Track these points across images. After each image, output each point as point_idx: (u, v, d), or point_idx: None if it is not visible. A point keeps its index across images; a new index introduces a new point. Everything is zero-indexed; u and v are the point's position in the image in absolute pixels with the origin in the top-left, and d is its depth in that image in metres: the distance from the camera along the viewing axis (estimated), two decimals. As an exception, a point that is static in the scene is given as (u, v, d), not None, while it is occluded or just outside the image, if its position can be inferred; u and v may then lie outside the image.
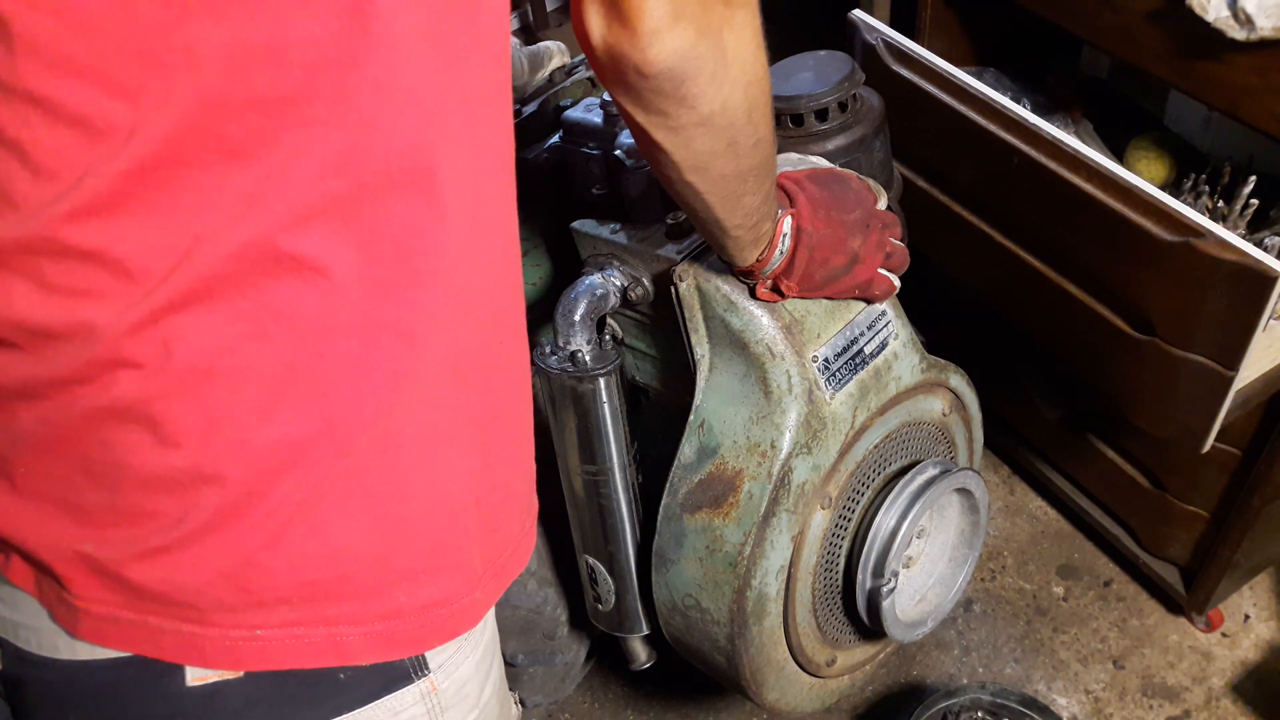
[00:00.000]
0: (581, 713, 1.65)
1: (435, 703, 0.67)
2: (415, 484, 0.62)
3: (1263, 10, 1.02)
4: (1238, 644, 1.61)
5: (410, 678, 0.65)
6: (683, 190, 0.76)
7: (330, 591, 0.60)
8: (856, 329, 1.01)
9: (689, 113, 0.66)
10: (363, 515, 0.60)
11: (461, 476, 0.65)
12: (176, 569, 0.57)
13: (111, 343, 0.52)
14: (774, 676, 1.06)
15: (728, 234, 0.82)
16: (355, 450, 0.58)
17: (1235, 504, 1.39)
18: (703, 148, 0.70)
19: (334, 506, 0.59)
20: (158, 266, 0.51)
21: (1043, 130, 1.18)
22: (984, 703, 1.39)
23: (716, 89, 0.65)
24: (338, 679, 0.62)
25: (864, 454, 1.04)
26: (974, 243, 1.36)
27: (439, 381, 0.61)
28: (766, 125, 0.73)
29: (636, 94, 0.65)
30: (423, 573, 0.63)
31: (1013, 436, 1.78)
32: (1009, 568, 1.76)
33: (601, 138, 1.11)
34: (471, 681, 0.71)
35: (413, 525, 0.62)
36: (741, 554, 0.97)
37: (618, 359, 1.02)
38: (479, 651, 0.72)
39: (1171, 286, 1.10)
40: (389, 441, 0.59)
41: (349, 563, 0.60)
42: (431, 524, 0.63)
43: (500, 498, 0.70)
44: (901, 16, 1.64)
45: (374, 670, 0.63)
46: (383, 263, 0.55)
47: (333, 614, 0.60)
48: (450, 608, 0.65)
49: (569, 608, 1.34)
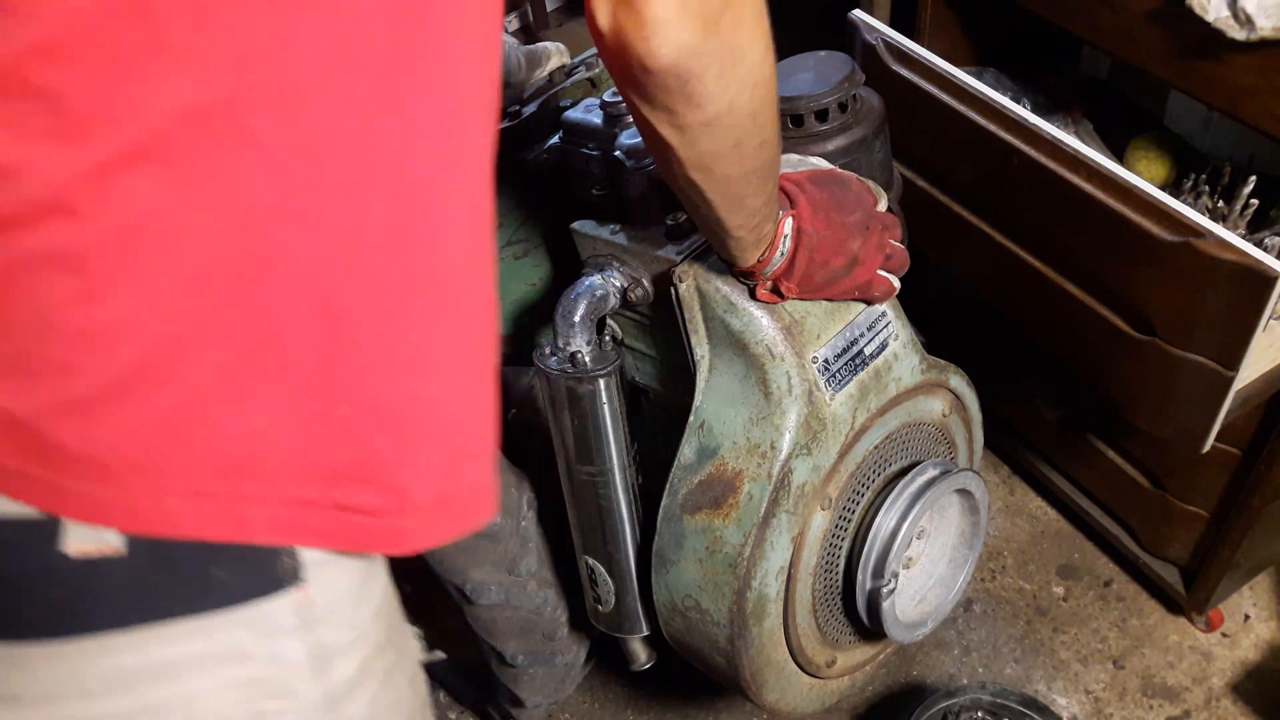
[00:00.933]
0: (581, 713, 1.65)
1: (307, 614, 0.65)
2: (353, 388, 0.61)
3: (1263, 10, 1.01)
4: (1238, 644, 1.61)
5: (284, 584, 0.63)
6: (686, 188, 0.76)
7: (242, 468, 0.59)
8: (856, 330, 1.01)
9: (695, 111, 0.66)
10: (290, 404, 0.59)
11: (408, 393, 0.64)
12: (91, 426, 0.57)
13: (55, 187, 0.52)
14: (774, 677, 1.06)
15: (730, 234, 0.83)
16: (289, 339, 0.58)
17: (1235, 504, 1.39)
18: (708, 148, 0.70)
19: (260, 388, 0.58)
20: (112, 116, 0.51)
21: (1043, 130, 1.17)
22: (984, 703, 1.39)
23: (723, 89, 0.65)
24: (212, 576, 0.61)
25: (864, 455, 1.04)
26: (974, 243, 1.36)
27: (390, 286, 0.60)
28: (772, 127, 0.73)
29: (642, 89, 0.65)
30: (343, 476, 0.62)
31: (1013, 436, 1.78)
32: (1009, 568, 1.76)
33: (601, 138, 1.11)
34: (348, 600, 0.68)
35: (342, 428, 0.61)
36: (741, 555, 0.97)
37: (617, 360, 1.02)
38: (361, 570, 0.70)
39: (1171, 286, 1.10)
40: (329, 338, 0.59)
41: (266, 446, 0.59)
42: (364, 432, 0.62)
43: (449, 433, 0.68)
44: (901, 16, 1.64)
45: (251, 571, 0.62)
46: (336, 153, 0.56)
47: (241, 490, 0.60)
48: (365, 517, 0.64)
49: (569, 608, 1.34)
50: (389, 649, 0.74)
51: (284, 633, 0.64)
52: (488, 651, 1.33)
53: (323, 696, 0.68)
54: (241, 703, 0.64)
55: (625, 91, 0.68)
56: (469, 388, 0.70)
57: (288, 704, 0.66)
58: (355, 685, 0.70)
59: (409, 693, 0.78)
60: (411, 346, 0.63)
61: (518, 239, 1.22)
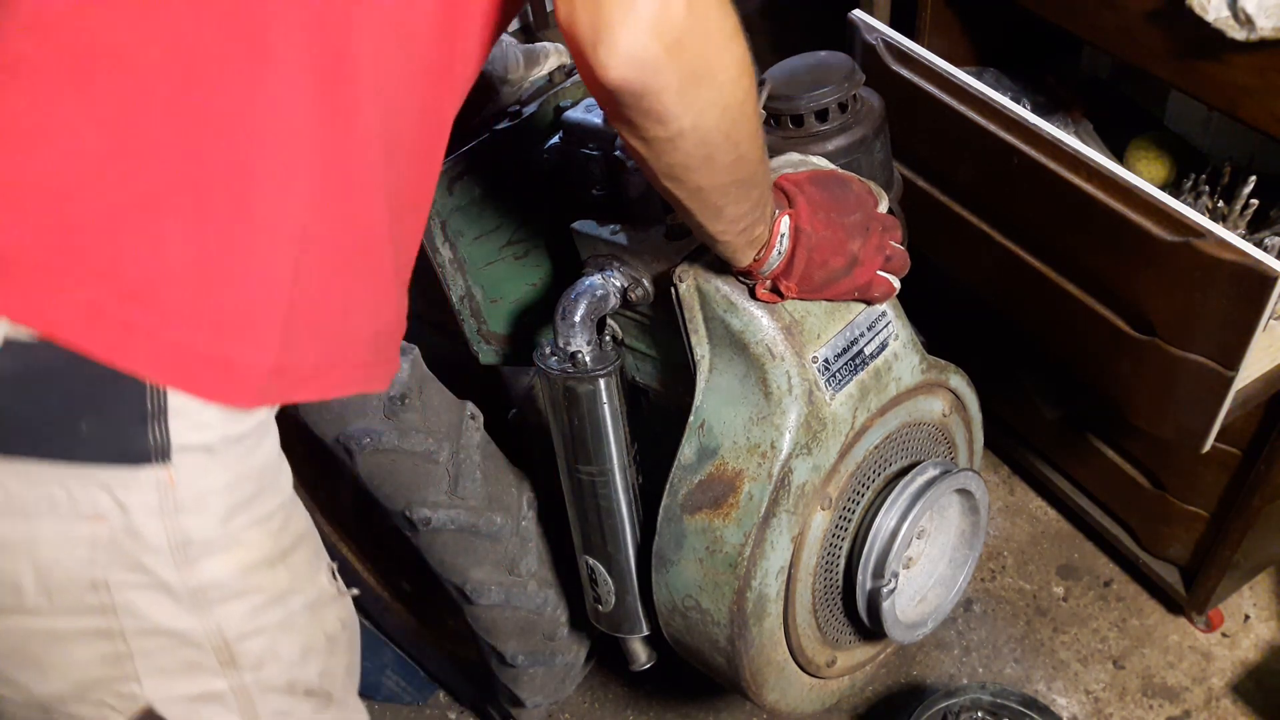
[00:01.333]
0: (582, 713, 1.65)
1: (170, 498, 0.66)
2: (246, 231, 0.65)
3: (1263, 10, 1.01)
4: (1238, 644, 1.61)
5: (150, 459, 0.65)
6: (662, 194, 0.77)
7: (141, 297, 0.63)
8: (856, 330, 1.01)
9: (656, 127, 0.66)
10: (196, 248, 0.63)
11: (289, 259, 0.67)
12: (7, 221, 0.61)
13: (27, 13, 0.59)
14: (774, 677, 1.06)
15: (714, 239, 0.83)
16: (206, 185, 0.63)
17: (1235, 504, 1.39)
18: (675, 161, 0.71)
19: (173, 226, 0.63)
20: None
21: (1043, 130, 1.17)
22: (984, 703, 1.39)
23: (685, 107, 0.65)
24: (80, 429, 0.63)
25: (864, 455, 1.04)
26: (974, 243, 1.36)
27: (298, 133, 0.65)
28: (750, 144, 0.73)
29: (602, 101, 0.66)
30: (226, 324, 0.65)
31: (1013, 436, 1.78)
32: (1009, 568, 1.76)
33: (601, 138, 1.11)
34: (218, 500, 0.69)
35: (229, 269, 0.65)
36: (741, 555, 0.97)
37: (618, 360, 1.02)
38: (238, 473, 0.70)
39: (1171, 286, 1.10)
40: (236, 169, 0.64)
41: (167, 282, 0.63)
42: (248, 278, 0.65)
43: (330, 304, 0.71)
44: (901, 16, 1.64)
45: (119, 434, 0.64)
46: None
47: (135, 319, 0.62)
48: (228, 368, 0.66)
49: (569, 608, 1.34)
50: (282, 570, 0.74)
51: (144, 509, 0.65)
52: (488, 651, 1.33)
53: (186, 591, 0.68)
54: (87, 563, 0.65)
55: (598, 103, 0.68)
56: (363, 271, 0.73)
57: (138, 579, 0.67)
58: (232, 594, 0.71)
59: (307, 622, 0.77)
60: (313, 202, 0.67)
61: (518, 239, 1.22)
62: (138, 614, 0.67)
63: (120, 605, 0.67)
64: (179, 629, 0.69)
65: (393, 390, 1.12)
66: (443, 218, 1.15)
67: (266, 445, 0.73)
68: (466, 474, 1.17)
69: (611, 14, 0.59)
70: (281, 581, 0.75)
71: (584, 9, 0.59)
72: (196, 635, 0.70)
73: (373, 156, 0.71)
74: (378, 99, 0.69)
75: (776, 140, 1.10)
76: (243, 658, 0.72)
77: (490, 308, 1.24)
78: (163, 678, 0.70)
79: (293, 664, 0.76)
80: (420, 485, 1.15)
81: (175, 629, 0.69)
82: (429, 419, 1.15)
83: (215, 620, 0.70)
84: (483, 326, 1.24)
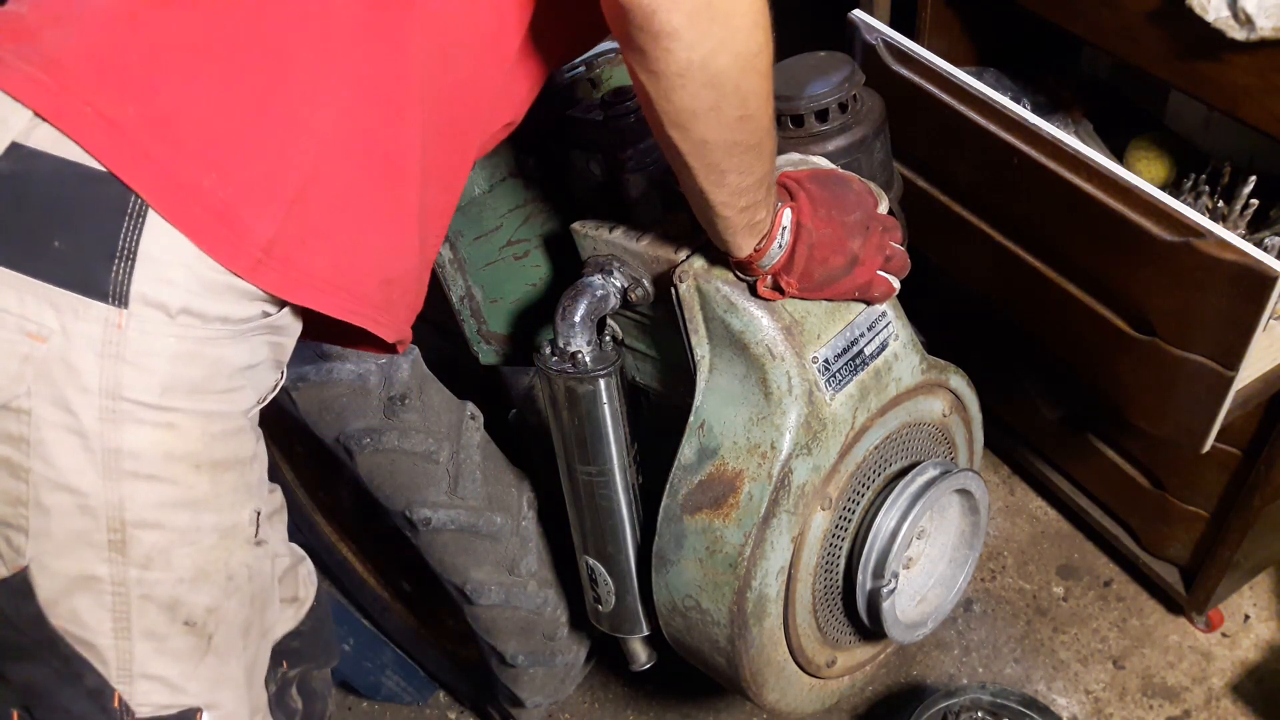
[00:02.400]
0: (582, 713, 1.65)
1: (114, 341, 0.66)
2: (275, 102, 0.67)
3: (1263, 10, 1.01)
4: (1238, 644, 1.61)
5: (106, 297, 0.65)
6: (666, 148, 0.77)
7: (159, 117, 0.65)
8: (857, 330, 1.01)
9: (665, 55, 0.67)
10: (227, 85, 0.67)
11: (310, 147, 0.68)
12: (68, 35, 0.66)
13: None
14: (774, 677, 1.06)
15: (715, 211, 0.83)
16: (252, 23, 0.67)
17: (1235, 504, 1.39)
18: (683, 104, 0.71)
19: (211, 58, 0.67)
20: None
21: (1043, 130, 1.17)
22: (984, 703, 1.39)
23: (695, 34, 0.66)
24: (51, 245, 0.64)
25: (864, 455, 1.04)
26: (974, 243, 1.36)
27: (344, 34, 0.68)
28: (758, 104, 0.74)
29: (614, 19, 0.67)
30: (236, 176, 0.66)
31: (1013, 436, 1.78)
32: (1009, 568, 1.76)
33: (601, 139, 1.11)
34: (164, 364, 0.68)
35: (251, 129, 0.67)
36: (742, 555, 0.97)
37: (618, 360, 1.02)
38: (191, 351, 0.69)
39: (1171, 286, 1.10)
40: (280, 44, 0.67)
41: (189, 107, 0.66)
42: (266, 144, 0.67)
43: (345, 218, 0.72)
44: (901, 16, 1.64)
45: (85, 262, 0.64)
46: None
47: (145, 139, 0.65)
48: (225, 217, 0.66)
49: (569, 609, 1.34)
50: (205, 478, 0.72)
51: (85, 342, 0.65)
52: (488, 651, 1.33)
53: (102, 448, 0.67)
54: (15, 379, 0.65)
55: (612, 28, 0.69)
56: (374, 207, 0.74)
57: (59, 418, 0.66)
58: (145, 473, 0.69)
59: (212, 545, 0.75)
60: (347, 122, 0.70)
61: (518, 239, 1.22)
62: (49, 459, 0.66)
63: (34, 442, 0.65)
64: (82, 488, 0.67)
65: (393, 390, 1.12)
66: (443, 218, 1.15)
67: (236, 349, 0.71)
68: (466, 474, 1.17)
69: None
70: (200, 488, 0.72)
71: None
72: (96, 501, 0.67)
73: (413, 94, 0.72)
74: (428, 40, 0.72)
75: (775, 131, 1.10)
76: (134, 546, 0.69)
77: (490, 308, 1.24)
78: (48, 542, 0.68)
79: (181, 580, 0.73)
80: (420, 485, 1.15)
81: (78, 487, 0.67)
82: (429, 419, 1.15)
83: (120, 493, 0.68)
84: (483, 326, 1.24)
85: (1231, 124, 1.17)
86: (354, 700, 1.70)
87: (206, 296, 0.67)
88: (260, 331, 0.73)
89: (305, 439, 1.12)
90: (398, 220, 0.76)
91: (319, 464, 1.54)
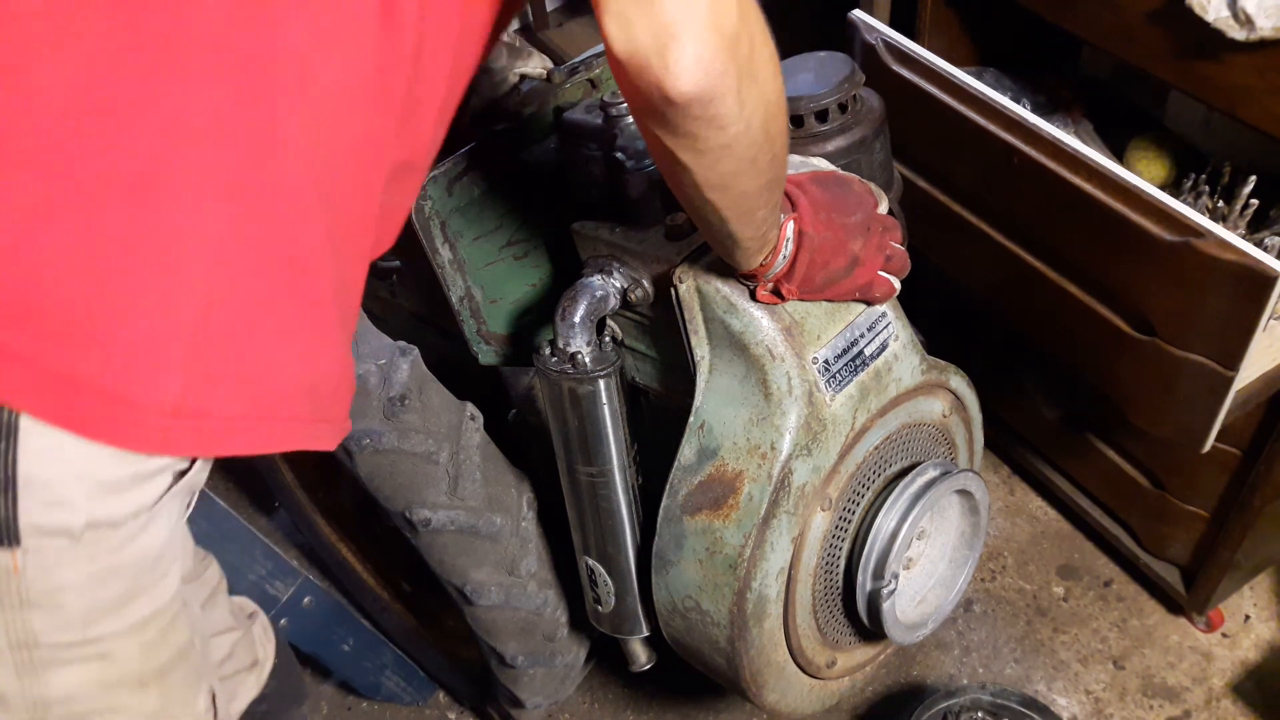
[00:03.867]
0: (581, 713, 1.65)
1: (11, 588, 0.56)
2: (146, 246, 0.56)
3: (1263, 10, 1.01)
4: (1238, 644, 1.61)
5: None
6: (701, 207, 0.74)
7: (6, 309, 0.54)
8: (857, 330, 1.01)
9: (717, 134, 0.64)
10: (81, 240, 0.55)
11: (199, 283, 0.58)
12: None
13: None
14: (774, 678, 1.06)
15: (739, 245, 0.82)
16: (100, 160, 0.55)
17: (1235, 504, 1.39)
18: (727, 168, 0.69)
19: (55, 214, 0.55)
20: None
21: (1043, 130, 1.17)
22: (984, 703, 1.38)
23: (741, 108, 0.64)
24: None
25: (864, 455, 1.04)
26: (974, 243, 1.36)
27: (215, 140, 0.58)
28: (782, 139, 0.73)
29: (664, 118, 0.63)
30: (118, 351, 0.56)
31: (1013, 436, 1.78)
32: (1009, 568, 1.75)
33: (601, 139, 1.11)
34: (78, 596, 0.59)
35: (123, 287, 0.56)
36: (741, 556, 0.97)
37: (617, 360, 1.02)
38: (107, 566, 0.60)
39: (1171, 286, 1.10)
40: (141, 176, 0.56)
41: (40, 285, 0.55)
42: (144, 298, 0.57)
43: (255, 345, 0.62)
44: (901, 16, 1.64)
45: None
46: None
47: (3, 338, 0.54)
48: (118, 401, 0.56)
49: (569, 609, 1.34)
50: (152, 692, 0.64)
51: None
52: (488, 652, 1.33)
53: (25, 703, 0.59)
54: None
55: (644, 123, 0.65)
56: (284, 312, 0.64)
57: None
58: (84, 713, 0.61)
59: None
60: (228, 244, 0.60)
61: (518, 239, 1.22)
62: None
63: None
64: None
65: (393, 391, 1.12)
66: (443, 218, 1.15)
67: (155, 530, 0.62)
68: (466, 475, 1.17)
69: (675, 18, 0.57)
70: (149, 704, 0.64)
71: (643, 22, 0.57)
72: None
73: (303, 179, 0.63)
74: (304, 111, 0.62)
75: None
76: None
77: (490, 308, 1.23)
78: None
79: None
80: (420, 486, 1.15)
81: None
82: (429, 420, 1.15)
83: None
84: (482, 327, 1.24)
85: (1231, 124, 1.17)
86: (354, 700, 1.70)
87: (114, 498, 0.58)
88: (176, 495, 0.65)
89: (305, 439, 1.12)
90: (313, 319, 0.67)
91: (319, 464, 1.54)
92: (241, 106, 0.59)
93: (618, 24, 0.57)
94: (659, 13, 0.56)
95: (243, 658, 1.00)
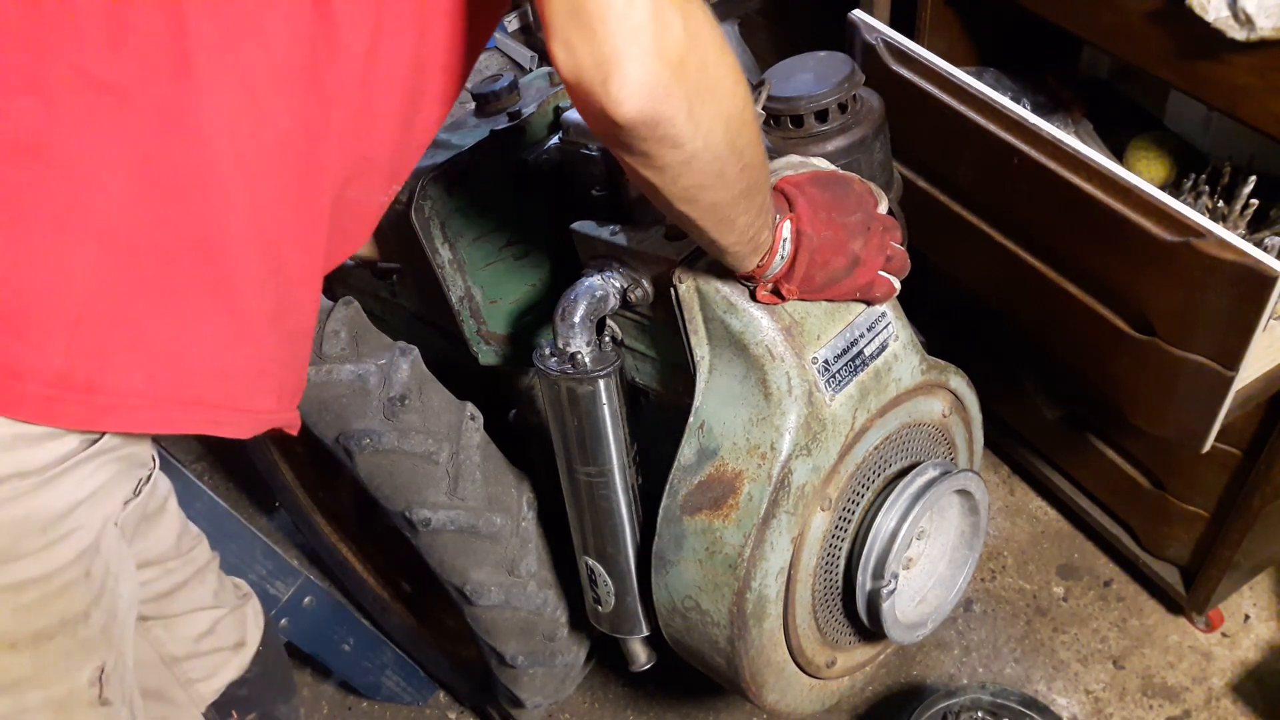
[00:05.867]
0: (581, 713, 1.65)
1: None
2: (28, 215, 0.57)
3: (1263, 10, 1.01)
4: (1238, 644, 1.61)
5: None
6: (676, 218, 0.76)
7: None
8: (856, 330, 1.01)
9: (671, 153, 0.65)
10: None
11: (87, 255, 0.59)
12: None
13: None
14: (774, 678, 1.06)
15: (725, 251, 0.83)
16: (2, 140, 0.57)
17: (1235, 504, 1.39)
18: (691, 182, 0.70)
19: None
20: None
21: (1043, 130, 1.17)
22: (984, 703, 1.38)
23: (696, 127, 0.64)
24: None
25: (864, 455, 1.04)
26: (974, 243, 1.36)
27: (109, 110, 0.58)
28: (754, 150, 0.73)
29: (614, 138, 0.64)
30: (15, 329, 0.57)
31: (1013, 436, 1.78)
32: (1009, 568, 1.76)
33: (601, 139, 1.11)
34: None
35: (6, 266, 0.57)
36: (741, 556, 0.97)
37: (617, 360, 1.02)
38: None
39: (1171, 286, 1.10)
40: (24, 143, 0.57)
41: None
42: (26, 266, 0.58)
43: (156, 323, 0.63)
44: (901, 16, 1.64)
45: None
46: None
47: None
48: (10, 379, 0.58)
49: (569, 609, 1.34)
50: (25, 656, 0.65)
51: None
52: (488, 652, 1.33)
53: None
54: None
55: (601, 139, 0.66)
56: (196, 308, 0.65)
57: None
58: None
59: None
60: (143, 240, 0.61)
61: (517, 239, 1.22)
62: None
63: None
64: None
65: (392, 391, 1.12)
66: (443, 218, 1.15)
67: (46, 503, 0.63)
68: (466, 475, 1.17)
69: (615, 46, 0.57)
70: (20, 668, 0.64)
71: (585, 49, 0.58)
72: None
73: (220, 158, 0.63)
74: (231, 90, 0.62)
75: (776, 141, 1.10)
76: None
77: (490, 308, 1.24)
78: None
79: None
80: (420, 486, 1.15)
81: None
82: (429, 420, 1.15)
83: None
84: (482, 327, 1.24)
85: (1231, 124, 1.17)
86: (354, 700, 1.70)
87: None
88: (90, 459, 0.65)
89: (305, 439, 1.12)
90: (227, 305, 0.66)
91: (319, 464, 1.54)
92: (146, 81, 0.59)
93: (564, 50, 0.58)
94: (601, 40, 0.57)
95: (227, 636, 1.00)
